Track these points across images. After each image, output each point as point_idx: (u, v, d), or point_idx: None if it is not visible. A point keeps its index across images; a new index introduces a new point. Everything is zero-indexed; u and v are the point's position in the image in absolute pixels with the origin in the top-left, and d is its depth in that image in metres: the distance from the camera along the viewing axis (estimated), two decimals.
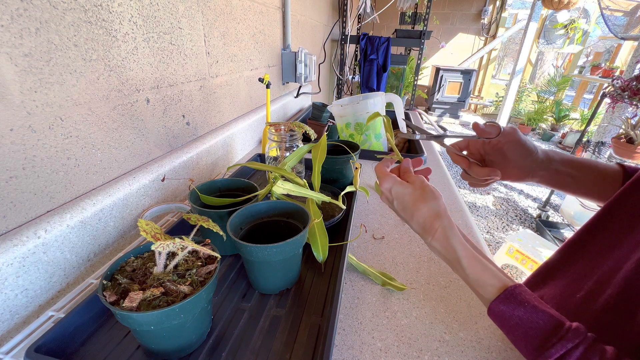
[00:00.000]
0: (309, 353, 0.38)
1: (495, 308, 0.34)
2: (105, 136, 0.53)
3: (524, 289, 0.34)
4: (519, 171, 0.49)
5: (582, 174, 0.48)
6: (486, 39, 5.00)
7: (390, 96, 1.02)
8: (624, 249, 0.38)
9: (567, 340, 0.29)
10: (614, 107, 2.12)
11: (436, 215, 0.39)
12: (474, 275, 0.36)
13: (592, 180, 0.49)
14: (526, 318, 0.32)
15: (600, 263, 0.40)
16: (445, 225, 0.38)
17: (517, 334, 0.32)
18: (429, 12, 2.24)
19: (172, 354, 0.36)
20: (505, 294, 0.33)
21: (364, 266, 0.53)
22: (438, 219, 0.39)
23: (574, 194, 0.51)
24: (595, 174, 0.48)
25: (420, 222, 0.40)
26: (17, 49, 0.38)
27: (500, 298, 0.33)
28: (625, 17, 3.48)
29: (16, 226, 0.41)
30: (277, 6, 1.21)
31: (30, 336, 0.38)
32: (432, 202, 0.39)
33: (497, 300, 0.34)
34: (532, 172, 0.48)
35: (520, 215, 2.60)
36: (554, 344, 0.29)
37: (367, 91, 2.41)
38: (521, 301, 0.32)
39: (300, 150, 0.64)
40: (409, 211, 0.41)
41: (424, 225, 0.39)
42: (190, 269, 0.37)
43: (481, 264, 0.37)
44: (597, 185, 0.49)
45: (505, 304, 0.33)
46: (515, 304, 0.33)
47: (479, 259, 0.37)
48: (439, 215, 0.39)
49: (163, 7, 0.62)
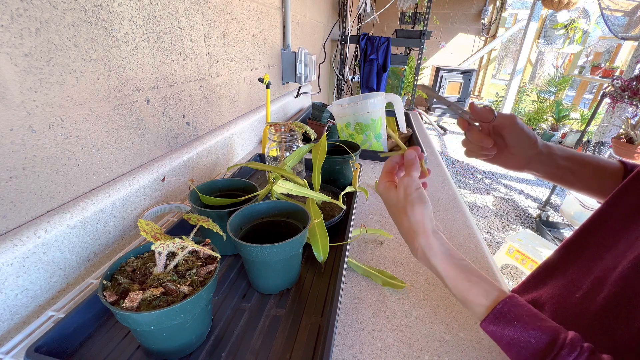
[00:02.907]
0: (309, 353, 0.38)
1: (486, 328, 0.33)
2: (105, 136, 0.53)
3: (514, 302, 0.32)
4: (518, 159, 0.48)
5: (583, 169, 0.48)
6: (486, 39, 5.00)
7: (390, 96, 1.02)
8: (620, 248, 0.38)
9: (563, 356, 0.28)
10: (614, 107, 2.12)
11: (415, 233, 0.37)
12: (459, 296, 0.35)
13: (592, 177, 0.48)
14: (517, 337, 0.30)
15: (598, 262, 0.40)
16: (424, 246, 0.37)
17: (511, 353, 0.31)
18: (429, 12, 2.24)
19: (172, 354, 0.36)
20: (494, 314, 0.32)
21: (364, 267, 0.53)
22: (417, 238, 0.37)
23: (573, 189, 0.51)
24: (596, 170, 0.48)
25: (404, 234, 0.39)
26: (17, 49, 0.38)
27: (489, 319, 0.32)
28: (625, 17, 3.48)
29: (16, 226, 0.41)
30: (277, 6, 1.21)
31: (30, 336, 0.38)
32: (413, 217, 0.37)
33: (487, 321, 0.32)
34: (531, 163, 0.48)
35: (520, 215, 2.60)
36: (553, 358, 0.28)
37: (367, 91, 2.41)
38: (510, 320, 0.31)
39: (300, 150, 0.64)
40: (395, 220, 0.41)
41: (407, 239, 0.39)
42: (190, 269, 0.37)
43: (467, 282, 0.35)
44: (597, 182, 0.48)
45: (495, 324, 0.32)
46: (504, 323, 0.31)
47: (463, 277, 0.35)
48: (417, 233, 0.37)
49: (163, 7, 0.62)
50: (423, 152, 0.99)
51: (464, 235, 0.65)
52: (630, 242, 0.37)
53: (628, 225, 0.38)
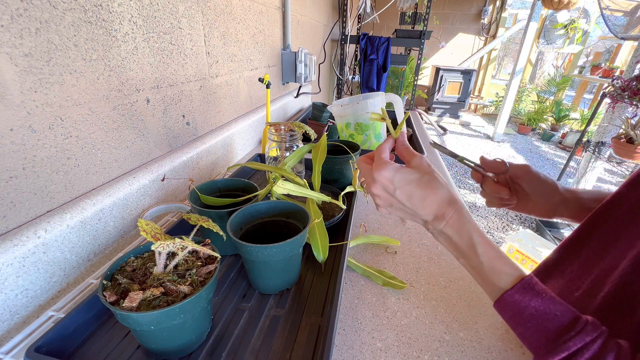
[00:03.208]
0: (309, 353, 0.38)
1: (509, 298, 0.33)
2: (105, 136, 0.53)
3: (538, 281, 0.33)
4: (543, 206, 0.48)
5: None
6: (486, 39, 5.00)
7: (390, 96, 1.02)
8: (620, 248, 0.38)
9: (586, 333, 0.29)
10: (614, 107, 2.12)
11: (450, 200, 0.37)
12: (489, 263, 0.35)
13: None
14: (543, 309, 0.31)
15: (597, 262, 0.40)
16: (460, 210, 0.36)
17: (530, 326, 0.31)
18: (429, 12, 2.24)
19: (172, 354, 0.36)
20: (522, 284, 0.32)
21: (364, 267, 0.53)
22: (452, 204, 0.36)
23: None
24: None
25: (433, 209, 0.37)
26: (17, 49, 0.38)
27: (517, 287, 0.32)
28: (625, 17, 3.48)
29: (16, 226, 0.41)
30: (277, 6, 1.21)
31: (30, 336, 0.38)
32: (443, 187, 0.37)
33: (513, 290, 0.32)
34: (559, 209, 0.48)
35: (520, 215, 2.60)
36: (572, 337, 0.29)
37: (367, 91, 2.41)
38: (538, 292, 0.32)
39: (300, 150, 0.64)
40: (417, 199, 0.37)
41: (435, 213, 0.37)
42: (190, 269, 0.37)
43: (496, 251, 0.35)
44: None
45: (521, 294, 0.32)
46: (532, 294, 0.32)
47: (493, 246, 0.36)
48: (453, 200, 0.37)
49: (163, 7, 0.62)
50: (423, 152, 0.99)
51: None
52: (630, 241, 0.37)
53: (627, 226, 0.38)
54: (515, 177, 0.48)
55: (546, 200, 0.48)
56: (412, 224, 0.67)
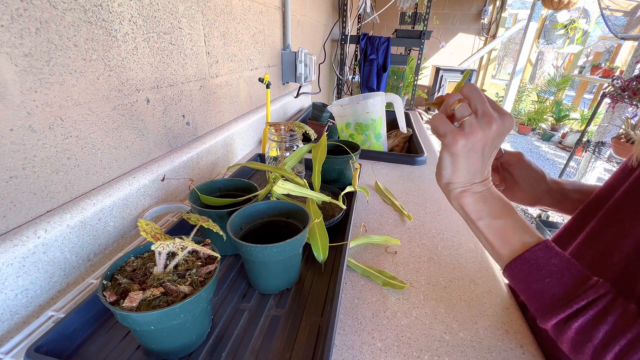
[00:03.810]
0: (309, 353, 0.38)
1: (534, 254, 0.34)
2: (105, 136, 0.53)
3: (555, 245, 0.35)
4: (529, 195, 0.50)
5: None
6: (486, 39, 5.00)
7: (390, 96, 1.02)
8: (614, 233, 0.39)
9: (599, 286, 0.31)
10: (614, 107, 2.13)
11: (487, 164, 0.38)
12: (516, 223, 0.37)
13: None
14: (562, 266, 0.33)
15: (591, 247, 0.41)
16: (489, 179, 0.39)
17: (552, 279, 0.33)
18: (429, 12, 2.24)
19: (172, 354, 0.36)
20: (546, 243, 0.35)
21: (364, 267, 0.53)
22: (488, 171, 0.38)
23: None
24: None
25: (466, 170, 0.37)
26: (17, 49, 0.38)
27: (541, 245, 0.35)
28: (625, 17, 3.48)
29: (16, 226, 0.41)
30: (277, 6, 1.21)
31: (30, 336, 0.38)
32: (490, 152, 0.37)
33: (538, 247, 0.35)
34: (543, 199, 0.50)
35: None
36: (585, 290, 0.31)
37: (367, 91, 2.41)
38: (557, 252, 0.34)
39: (300, 150, 0.64)
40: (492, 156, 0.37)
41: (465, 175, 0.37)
42: (190, 269, 0.37)
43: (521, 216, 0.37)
44: None
45: (544, 252, 0.34)
46: (553, 253, 0.34)
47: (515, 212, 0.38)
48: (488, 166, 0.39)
49: (163, 7, 0.62)
50: (423, 152, 0.99)
51: (464, 235, 0.65)
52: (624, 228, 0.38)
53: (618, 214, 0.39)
54: (507, 164, 0.49)
55: (533, 189, 0.50)
56: (412, 224, 0.67)
